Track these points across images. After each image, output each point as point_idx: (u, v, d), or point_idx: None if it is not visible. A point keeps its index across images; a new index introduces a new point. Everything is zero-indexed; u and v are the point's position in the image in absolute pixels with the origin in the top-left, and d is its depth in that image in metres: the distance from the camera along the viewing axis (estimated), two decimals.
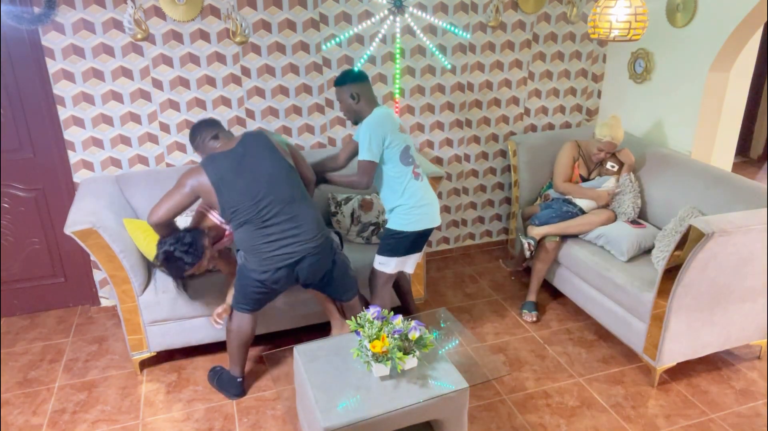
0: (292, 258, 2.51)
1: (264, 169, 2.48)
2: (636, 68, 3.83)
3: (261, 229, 2.47)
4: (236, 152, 2.49)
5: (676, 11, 3.49)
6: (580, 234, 3.39)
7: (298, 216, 2.50)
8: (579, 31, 3.98)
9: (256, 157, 2.49)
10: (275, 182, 2.48)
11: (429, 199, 2.81)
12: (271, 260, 2.50)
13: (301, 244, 2.51)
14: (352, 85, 2.73)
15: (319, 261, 2.59)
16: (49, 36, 3.06)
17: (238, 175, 2.45)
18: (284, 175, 2.51)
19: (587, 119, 4.27)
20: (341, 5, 3.43)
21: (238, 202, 2.45)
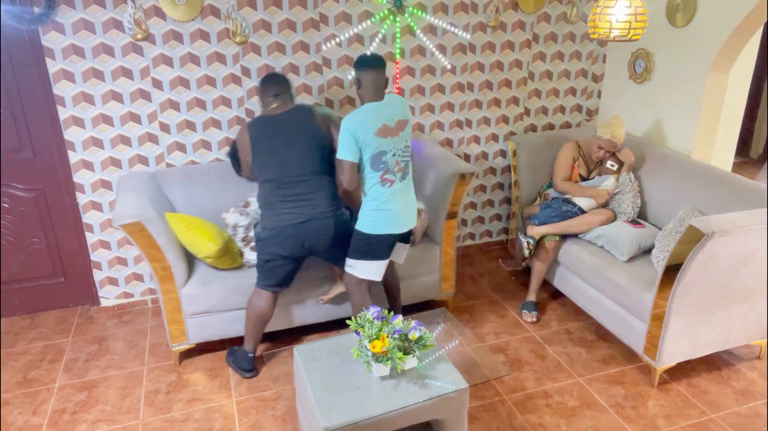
0: (300, 219, 2.70)
1: (299, 140, 2.72)
2: (636, 68, 3.83)
3: (280, 189, 2.72)
4: (280, 118, 2.76)
5: (676, 11, 3.49)
6: (580, 234, 3.39)
7: (315, 186, 2.73)
8: (579, 31, 3.98)
9: (296, 127, 2.74)
10: (305, 153, 2.72)
11: (393, 204, 2.73)
12: (280, 217, 2.72)
13: (311, 208, 2.72)
14: (356, 70, 2.71)
15: (325, 228, 2.75)
16: (49, 36, 3.06)
17: (274, 138, 2.73)
18: (314, 148, 2.74)
19: (587, 119, 4.27)
20: (341, 5, 3.43)
21: (267, 161, 2.73)
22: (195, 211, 3.21)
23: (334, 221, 2.77)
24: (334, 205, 2.79)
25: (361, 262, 2.80)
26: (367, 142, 2.62)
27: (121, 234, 3.47)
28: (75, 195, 3.37)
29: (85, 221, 3.44)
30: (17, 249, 3.42)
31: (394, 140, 2.69)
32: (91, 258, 3.52)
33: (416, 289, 3.39)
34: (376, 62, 2.70)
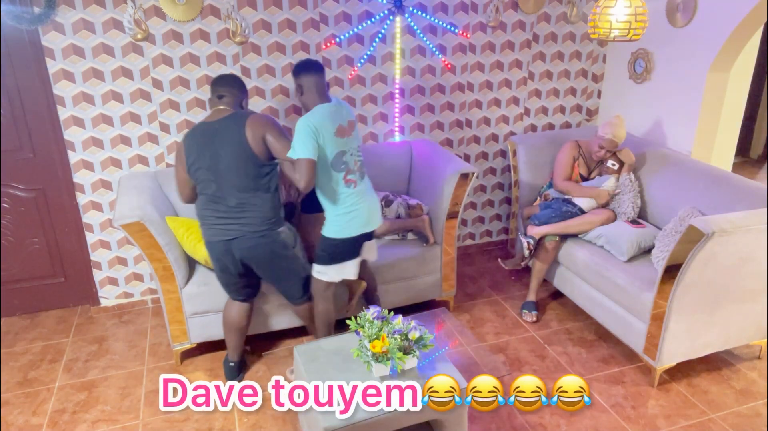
0: (229, 236, 2.59)
1: (227, 155, 2.53)
2: (636, 68, 3.83)
3: (212, 203, 2.60)
4: (212, 128, 2.57)
5: (676, 11, 3.49)
6: (580, 234, 3.39)
7: (247, 204, 2.57)
8: (579, 31, 3.98)
9: (225, 140, 2.54)
10: (234, 169, 2.54)
11: (360, 204, 2.69)
12: (211, 231, 2.63)
13: (241, 226, 2.58)
14: (297, 77, 2.65)
15: (257, 247, 2.62)
16: (49, 36, 3.06)
17: (204, 150, 2.55)
18: (243, 164, 2.54)
19: (587, 119, 4.27)
20: (341, 5, 3.43)
21: (199, 174, 2.58)
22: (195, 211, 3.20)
23: (267, 241, 2.62)
24: (269, 224, 2.62)
25: (334, 266, 2.74)
26: (327, 142, 2.55)
27: (121, 234, 3.47)
28: (75, 195, 3.37)
29: (85, 221, 3.44)
30: (17, 249, 3.42)
31: (349, 140, 2.65)
32: (91, 258, 3.52)
33: (417, 289, 3.40)
34: (316, 66, 2.67)
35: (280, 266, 2.72)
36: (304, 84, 2.63)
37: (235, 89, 2.68)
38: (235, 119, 2.56)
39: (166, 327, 3.01)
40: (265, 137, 2.54)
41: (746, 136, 5.97)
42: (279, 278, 2.78)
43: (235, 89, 2.69)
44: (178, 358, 3.09)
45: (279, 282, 2.80)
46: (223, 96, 2.65)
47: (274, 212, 2.63)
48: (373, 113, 3.74)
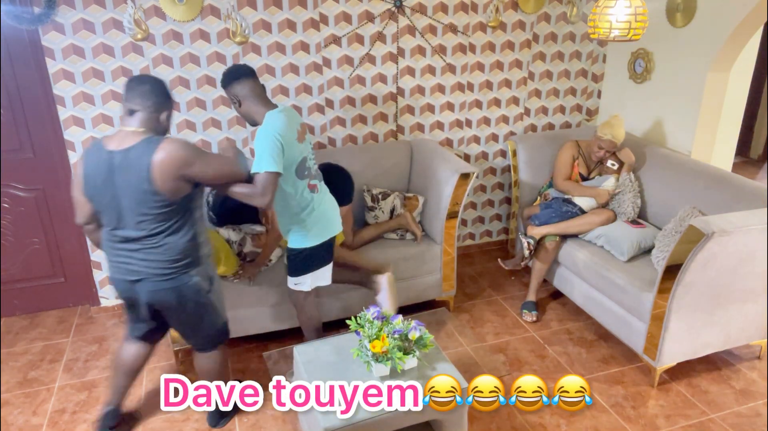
0: (131, 277, 2.22)
1: (128, 194, 2.11)
2: (636, 68, 3.83)
3: (113, 238, 2.23)
4: (114, 158, 2.10)
5: (676, 11, 3.49)
6: (580, 234, 3.40)
7: (152, 245, 2.18)
8: (579, 31, 3.98)
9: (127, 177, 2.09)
10: (135, 211, 2.13)
11: (324, 206, 2.63)
12: (113, 268, 2.27)
13: (144, 267, 2.20)
14: (227, 88, 2.42)
15: (161, 291, 2.23)
16: (49, 36, 3.05)
17: (105, 182, 2.13)
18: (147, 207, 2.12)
19: (587, 119, 4.27)
20: (341, 5, 3.43)
21: (99, 205, 2.20)
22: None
23: (175, 285, 2.23)
24: (179, 266, 2.21)
25: (309, 275, 2.68)
26: (292, 150, 2.41)
27: None
28: None
29: None
30: (17, 249, 3.41)
31: (306, 144, 2.56)
32: (91, 258, 3.52)
33: (417, 289, 3.40)
34: (244, 71, 2.43)
35: (189, 313, 2.34)
36: (239, 93, 2.41)
37: (150, 101, 2.13)
38: (140, 153, 2.06)
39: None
40: (185, 174, 2.09)
41: (746, 136, 5.98)
42: (187, 326, 2.43)
43: (151, 100, 2.14)
44: (178, 358, 3.09)
45: (187, 330, 2.46)
46: (135, 111, 2.13)
47: (186, 253, 2.22)
48: (373, 113, 3.74)
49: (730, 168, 3.86)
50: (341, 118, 3.68)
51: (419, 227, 3.42)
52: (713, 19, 3.29)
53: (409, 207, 3.44)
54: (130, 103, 2.12)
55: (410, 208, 3.44)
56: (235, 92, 2.42)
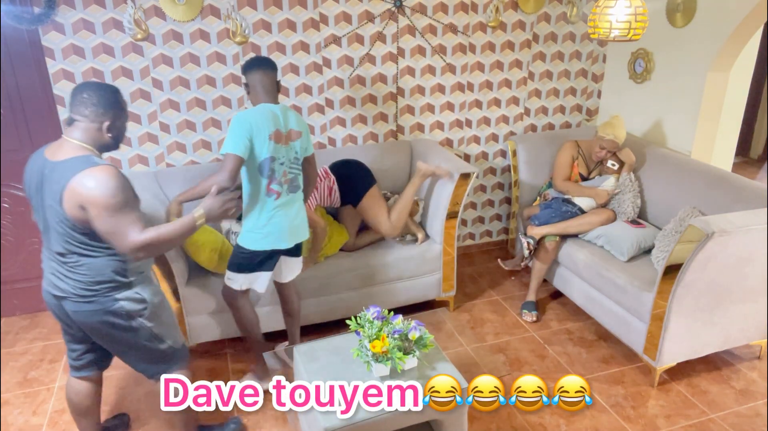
0: (57, 292, 2.07)
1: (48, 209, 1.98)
2: (636, 68, 3.83)
3: (45, 249, 2.10)
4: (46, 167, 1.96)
5: (676, 11, 3.49)
6: (580, 234, 3.40)
7: (75, 263, 2.02)
8: (579, 31, 3.98)
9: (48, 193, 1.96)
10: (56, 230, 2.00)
11: (278, 218, 2.56)
12: (45, 280, 2.12)
13: (68, 285, 2.04)
14: (244, 74, 2.55)
15: (82, 313, 2.07)
16: (49, 36, 3.05)
17: (36, 189, 2.01)
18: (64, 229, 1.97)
19: (587, 119, 4.27)
20: (341, 5, 3.43)
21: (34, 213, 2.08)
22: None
23: (96, 308, 2.05)
24: (102, 288, 2.04)
25: (243, 275, 2.66)
26: (260, 143, 2.42)
27: None
28: None
29: None
30: (17, 249, 3.41)
31: (285, 149, 2.52)
32: None
33: (417, 289, 3.40)
34: (262, 63, 2.53)
35: (115, 339, 2.16)
36: (250, 82, 2.52)
37: (88, 109, 1.97)
38: (64, 170, 1.91)
39: None
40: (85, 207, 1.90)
41: (746, 136, 5.98)
42: (118, 352, 2.26)
43: (89, 109, 1.97)
44: None
45: (121, 356, 2.27)
46: (75, 121, 1.98)
47: (108, 276, 2.05)
48: (373, 113, 3.74)
49: (730, 168, 3.86)
50: (341, 118, 3.68)
51: (420, 229, 3.42)
52: (713, 19, 3.29)
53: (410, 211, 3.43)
54: (71, 111, 1.99)
55: (411, 212, 3.43)
56: (247, 80, 2.54)
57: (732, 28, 3.17)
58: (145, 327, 2.16)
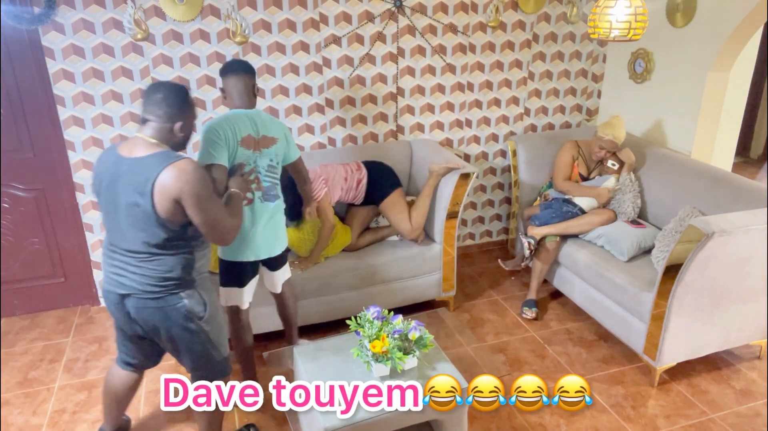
0: (121, 290, 2.09)
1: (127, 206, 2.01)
2: (636, 68, 3.83)
3: (110, 246, 2.13)
4: (123, 164, 2.00)
5: (676, 11, 3.49)
6: (580, 234, 3.40)
7: (145, 260, 2.06)
8: (579, 31, 3.98)
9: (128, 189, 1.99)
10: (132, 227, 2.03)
11: (246, 230, 2.46)
12: (106, 278, 2.15)
13: (134, 282, 2.07)
14: (221, 78, 2.48)
15: (146, 310, 2.10)
16: (49, 36, 3.05)
17: (109, 186, 2.04)
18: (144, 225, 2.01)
19: (587, 119, 4.27)
20: (341, 5, 3.43)
21: (102, 208, 2.13)
22: None
23: (161, 306, 2.09)
24: (168, 285, 2.08)
25: (222, 289, 2.59)
26: (231, 148, 2.34)
27: None
28: (75, 195, 3.37)
29: (85, 221, 3.44)
30: (17, 249, 3.41)
31: (257, 155, 2.44)
32: (91, 258, 3.52)
33: (416, 289, 3.40)
34: (237, 67, 2.45)
35: (177, 339, 2.17)
36: (226, 87, 2.45)
37: (161, 110, 2.01)
38: (148, 167, 1.95)
39: None
40: (180, 201, 1.96)
41: (746, 136, 5.98)
42: (176, 353, 2.26)
43: (162, 110, 2.01)
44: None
45: (178, 357, 2.28)
46: (148, 121, 2.02)
47: (179, 272, 2.08)
48: (373, 113, 3.74)
49: (730, 168, 3.86)
50: (341, 118, 3.68)
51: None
52: (713, 19, 3.29)
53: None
54: (144, 111, 2.03)
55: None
56: (223, 85, 2.49)
57: (732, 28, 3.17)
58: (203, 331, 2.18)
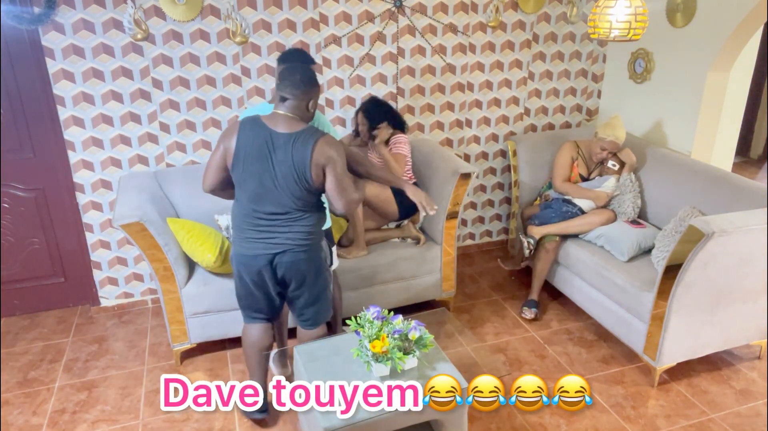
0: (273, 250, 2.36)
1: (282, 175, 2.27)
2: (636, 68, 3.83)
3: (252, 214, 2.35)
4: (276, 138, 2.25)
5: (676, 11, 3.49)
6: (580, 234, 3.40)
7: (293, 220, 2.34)
8: (579, 31, 3.98)
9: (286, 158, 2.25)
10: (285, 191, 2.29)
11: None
12: (250, 244, 2.38)
13: (286, 239, 2.35)
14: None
15: (300, 261, 2.39)
16: (49, 36, 3.05)
17: (259, 158, 2.27)
18: (296, 189, 2.29)
19: (587, 119, 4.27)
20: (341, 5, 3.43)
21: (244, 178, 2.32)
22: (195, 211, 3.22)
23: (312, 256, 2.42)
24: (315, 238, 2.42)
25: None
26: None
27: (121, 234, 3.47)
28: (75, 195, 3.37)
29: (85, 221, 3.44)
30: (17, 249, 3.41)
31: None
32: (91, 258, 3.52)
33: (416, 289, 3.40)
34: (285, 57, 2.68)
35: (317, 283, 2.49)
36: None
37: (299, 90, 2.26)
38: (305, 140, 2.24)
39: (166, 327, 3.01)
40: (326, 169, 2.26)
41: (746, 136, 5.98)
42: (312, 297, 2.52)
43: (300, 89, 2.26)
44: (178, 358, 3.09)
45: (309, 301, 2.53)
46: (288, 99, 2.27)
47: (318, 227, 2.43)
48: None
49: (730, 168, 3.86)
50: (341, 118, 3.68)
51: (421, 233, 3.42)
52: (713, 19, 3.29)
53: (412, 219, 3.44)
54: (282, 90, 2.27)
55: (413, 220, 3.44)
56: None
57: (732, 28, 3.17)
58: (329, 273, 2.59)
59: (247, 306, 2.58)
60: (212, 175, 2.40)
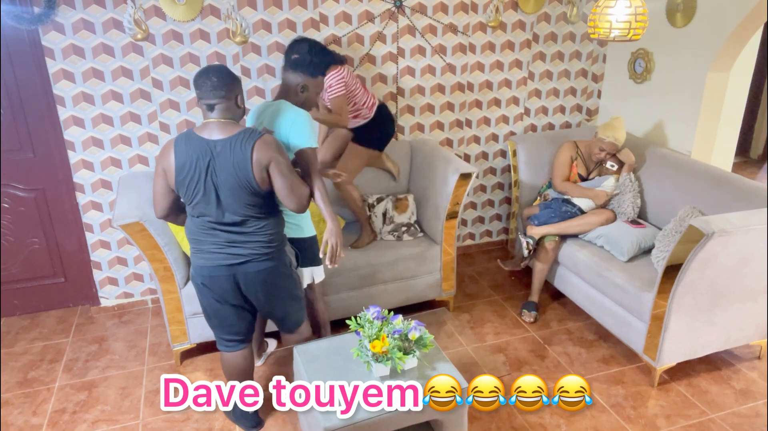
0: (233, 260, 2.28)
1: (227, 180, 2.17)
2: (636, 68, 3.83)
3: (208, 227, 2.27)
4: (211, 146, 2.16)
5: (676, 11, 3.49)
6: (579, 234, 3.40)
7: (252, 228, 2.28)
8: (579, 31, 3.98)
9: (226, 163, 2.16)
10: (235, 197, 2.20)
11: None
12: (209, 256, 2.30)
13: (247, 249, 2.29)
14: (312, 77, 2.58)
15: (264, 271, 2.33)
16: (49, 36, 3.05)
17: (200, 169, 2.18)
18: (245, 193, 2.20)
19: (587, 119, 4.27)
20: (341, 5, 3.43)
21: (192, 194, 2.22)
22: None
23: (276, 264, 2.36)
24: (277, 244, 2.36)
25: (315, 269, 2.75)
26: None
27: (121, 234, 3.47)
28: (75, 195, 3.37)
29: (85, 221, 3.44)
30: (17, 249, 3.41)
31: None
32: (91, 258, 3.52)
33: (416, 289, 3.40)
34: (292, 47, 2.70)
35: (284, 290, 2.45)
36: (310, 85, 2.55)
37: (221, 90, 2.16)
38: (241, 142, 2.16)
39: (166, 327, 3.01)
40: (269, 167, 2.19)
41: (746, 136, 5.98)
42: (280, 304, 2.49)
43: (223, 90, 2.16)
44: (178, 358, 3.09)
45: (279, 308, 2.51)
46: (215, 105, 2.17)
47: (279, 232, 2.38)
48: None
49: (730, 168, 3.86)
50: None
51: (395, 164, 3.47)
52: (713, 19, 3.29)
53: (401, 208, 3.45)
54: (205, 99, 2.17)
55: (401, 209, 3.44)
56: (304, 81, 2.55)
57: (732, 28, 3.17)
58: (296, 274, 2.53)
59: (218, 327, 2.49)
60: (160, 199, 2.30)
